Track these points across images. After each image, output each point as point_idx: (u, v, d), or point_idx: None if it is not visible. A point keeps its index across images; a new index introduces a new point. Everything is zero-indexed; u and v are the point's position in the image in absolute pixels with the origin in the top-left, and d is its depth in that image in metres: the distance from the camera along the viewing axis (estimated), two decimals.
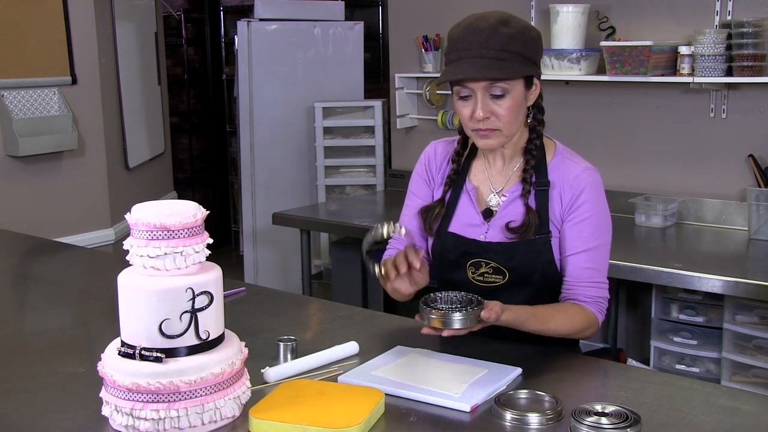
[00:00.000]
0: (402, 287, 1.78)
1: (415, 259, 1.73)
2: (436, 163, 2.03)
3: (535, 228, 1.85)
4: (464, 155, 1.98)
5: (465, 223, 1.94)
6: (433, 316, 1.64)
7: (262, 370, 1.64)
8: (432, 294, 1.72)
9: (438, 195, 2.00)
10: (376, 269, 1.77)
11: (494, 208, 1.92)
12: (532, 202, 1.88)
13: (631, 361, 3.24)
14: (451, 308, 1.65)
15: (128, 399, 1.38)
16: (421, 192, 2.04)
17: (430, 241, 1.99)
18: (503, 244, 1.88)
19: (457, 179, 1.97)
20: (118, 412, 1.40)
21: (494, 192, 1.94)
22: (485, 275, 1.89)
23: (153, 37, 4.96)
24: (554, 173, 1.89)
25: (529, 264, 1.86)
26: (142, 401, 1.37)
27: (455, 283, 1.92)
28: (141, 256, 1.39)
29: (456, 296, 1.70)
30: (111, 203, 4.11)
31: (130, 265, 1.44)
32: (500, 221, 1.90)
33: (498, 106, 1.80)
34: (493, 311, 1.66)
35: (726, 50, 3.15)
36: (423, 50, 4.18)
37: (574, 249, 1.86)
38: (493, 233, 1.90)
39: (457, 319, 1.62)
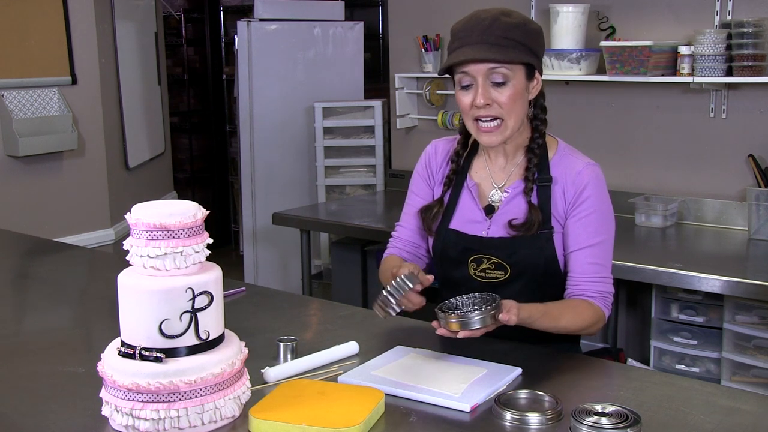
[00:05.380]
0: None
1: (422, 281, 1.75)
2: (436, 161, 2.03)
3: (537, 224, 1.85)
4: (464, 155, 1.98)
5: (467, 219, 1.94)
6: (452, 320, 1.63)
7: (262, 370, 1.64)
8: (447, 301, 1.73)
9: (438, 194, 2.00)
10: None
11: (496, 204, 1.92)
12: (534, 198, 1.88)
13: (631, 361, 3.23)
14: (469, 310, 1.65)
15: (128, 399, 1.38)
16: (421, 191, 2.04)
17: (431, 240, 2.00)
18: (505, 240, 1.88)
19: (457, 177, 1.98)
20: (118, 412, 1.40)
21: (496, 187, 1.94)
22: (487, 271, 1.89)
23: (153, 37, 4.96)
24: (556, 169, 1.90)
25: (531, 260, 1.87)
26: (142, 401, 1.37)
27: (456, 280, 1.92)
28: (141, 256, 1.39)
29: (470, 299, 1.72)
30: (111, 203, 4.11)
31: (130, 265, 1.44)
32: (502, 217, 1.90)
33: (499, 93, 1.81)
34: (512, 313, 1.66)
35: (726, 50, 3.15)
36: (423, 50, 4.18)
37: (578, 245, 1.86)
38: (495, 229, 1.90)
39: (476, 319, 1.62)
